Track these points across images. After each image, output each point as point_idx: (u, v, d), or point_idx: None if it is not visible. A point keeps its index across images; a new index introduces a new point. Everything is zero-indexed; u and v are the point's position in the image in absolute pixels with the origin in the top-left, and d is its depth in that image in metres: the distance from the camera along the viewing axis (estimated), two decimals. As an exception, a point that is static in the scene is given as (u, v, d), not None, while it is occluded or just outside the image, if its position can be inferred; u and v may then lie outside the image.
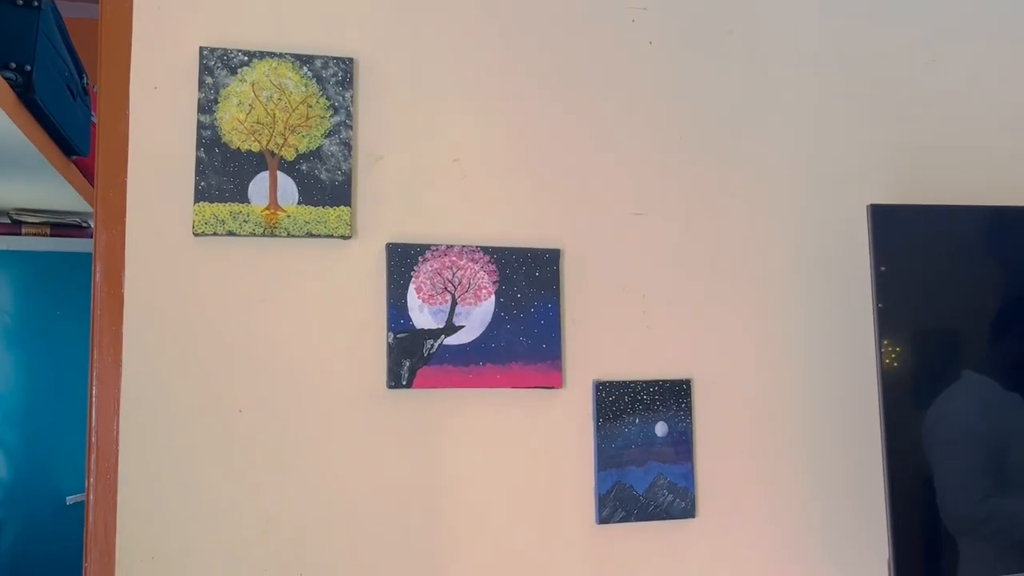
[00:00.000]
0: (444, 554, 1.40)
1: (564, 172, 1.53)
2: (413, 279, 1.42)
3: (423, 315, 1.42)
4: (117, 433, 1.31)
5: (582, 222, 1.53)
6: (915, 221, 1.52)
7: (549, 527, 1.45)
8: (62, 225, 2.75)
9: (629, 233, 1.55)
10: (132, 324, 1.33)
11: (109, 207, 1.34)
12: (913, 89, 1.75)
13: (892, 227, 1.50)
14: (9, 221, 2.73)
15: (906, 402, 1.48)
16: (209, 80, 1.36)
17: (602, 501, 1.47)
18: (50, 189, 2.46)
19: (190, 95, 1.36)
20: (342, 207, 1.40)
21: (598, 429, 1.48)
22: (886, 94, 1.73)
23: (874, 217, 1.48)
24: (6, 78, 1.79)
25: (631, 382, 1.51)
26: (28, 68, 1.83)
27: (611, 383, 1.49)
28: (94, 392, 1.32)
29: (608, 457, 1.48)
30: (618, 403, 1.49)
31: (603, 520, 1.46)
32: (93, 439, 1.31)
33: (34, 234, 2.74)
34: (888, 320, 1.48)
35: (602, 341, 1.52)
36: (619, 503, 1.47)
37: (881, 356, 1.47)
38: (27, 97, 1.83)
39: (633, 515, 1.48)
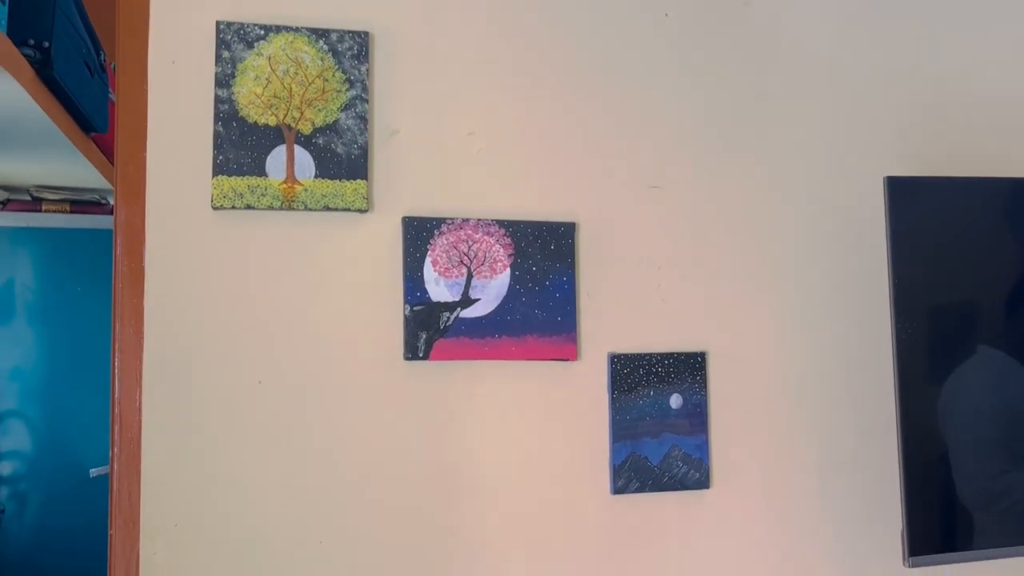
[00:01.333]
0: (461, 523, 1.42)
1: (580, 145, 1.53)
2: (429, 252, 1.43)
3: (439, 288, 1.43)
4: (140, 404, 1.33)
5: (598, 195, 1.53)
6: (932, 193, 1.52)
7: (564, 497, 1.47)
8: (81, 202, 2.77)
9: (645, 206, 1.55)
10: (153, 297, 1.34)
11: (129, 182, 1.36)
12: (933, 60, 1.73)
13: (909, 199, 1.49)
14: (29, 198, 2.76)
15: (922, 377, 1.48)
16: (226, 54, 1.37)
17: (617, 472, 1.48)
18: (69, 166, 2.48)
19: (207, 69, 1.37)
20: (358, 180, 1.41)
21: (613, 401, 1.49)
22: (905, 65, 1.71)
23: (891, 189, 1.48)
24: (25, 55, 1.80)
25: (646, 354, 1.51)
26: (46, 44, 1.84)
27: (626, 355, 1.50)
28: (117, 364, 1.34)
29: (623, 428, 1.49)
30: (633, 375, 1.50)
31: (618, 490, 1.48)
32: (116, 410, 1.34)
33: (54, 211, 2.76)
34: (904, 294, 1.47)
35: (617, 314, 1.52)
36: (634, 474, 1.49)
37: (897, 331, 1.46)
38: (45, 73, 1.84)
39: (647, 486, 1.49)
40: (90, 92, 2.01)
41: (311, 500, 1.37)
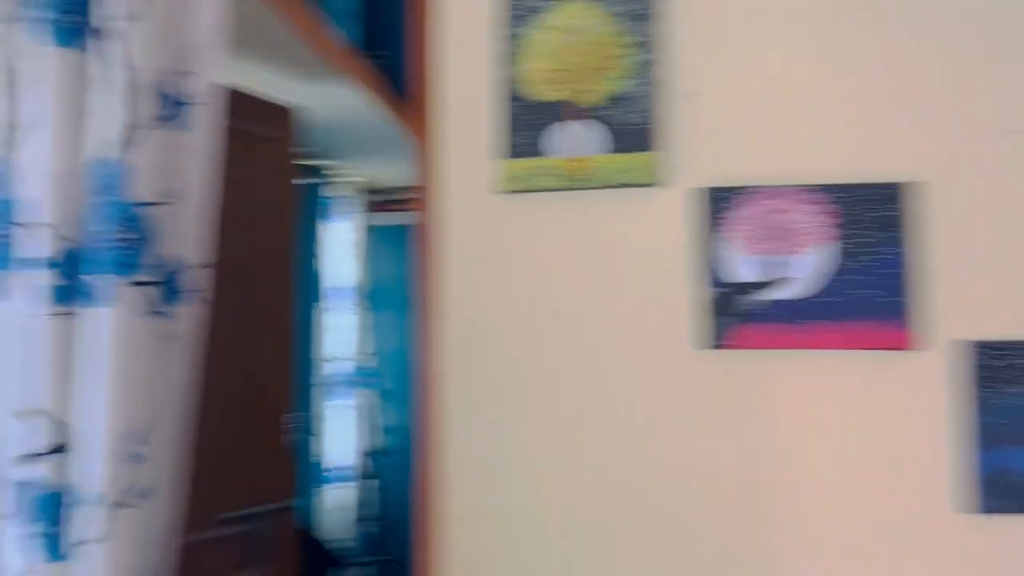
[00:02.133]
0: (765, 538, 1.24)
1: (914, 88, 1.25)
2: (730, 226, 1.27)
3: (742, 267, 1.26)
4: (438, 391, 1.35)
5: (943, 147, 1.24)
6: None
7: (896, 515, 1.22)
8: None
9: (1007, 157, 1.23)
10: (447, 286, 1.36)
11: (423, 168, 1.39)
12: None
13: None
14: (398, 199, 3.05)
15: None
16: (509, 31, 1.34)
17: (974, 487, 1.20)
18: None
19: (490, 48, 1.35)
20: (649, 152, 1.29)
21: (971, 400, 1.21)
22: None
23: None
24: (372, 64, 1.93)
25: (1017, 343, 1.20)
26: (389, 53, 1.97)
27: (989, 344, 1.21)
28: (419, 353, 1.38)
29: (984, 435, 1.20)
30: (996, 368, 1.20)
31: (975, 509, 1.19)
32: (419, 398, 1.37)
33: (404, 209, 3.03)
34: None
35: (974, 293, 1.23)
36: (997, 490, 1.19)
37: None
38: (388, 80, 1.96)
39: (1017, 506, 1.18)
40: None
41: (599, 498, 1.29)
